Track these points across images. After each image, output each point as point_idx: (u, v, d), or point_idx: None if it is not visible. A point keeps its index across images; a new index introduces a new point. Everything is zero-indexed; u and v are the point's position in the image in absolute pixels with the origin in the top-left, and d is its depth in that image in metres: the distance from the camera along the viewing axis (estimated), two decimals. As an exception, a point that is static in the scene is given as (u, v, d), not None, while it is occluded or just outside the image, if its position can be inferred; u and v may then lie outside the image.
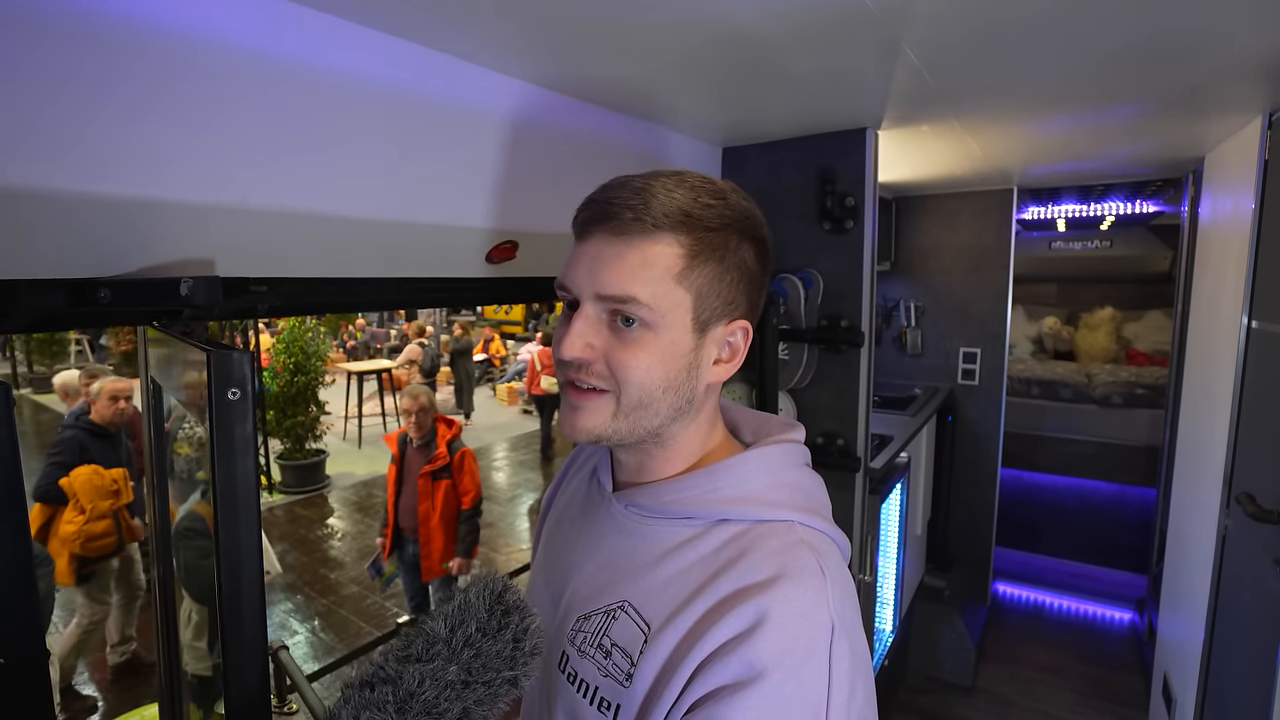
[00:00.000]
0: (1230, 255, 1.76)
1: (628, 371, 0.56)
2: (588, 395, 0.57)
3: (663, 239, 0.55)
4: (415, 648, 0.49)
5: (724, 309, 0.58)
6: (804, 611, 0.50)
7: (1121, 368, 4.40)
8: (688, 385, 0.58)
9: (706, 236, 0.56)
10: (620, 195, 0.56)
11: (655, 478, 0.63)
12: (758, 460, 0.62)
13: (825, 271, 1.67)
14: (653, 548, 0.59)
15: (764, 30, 0.94)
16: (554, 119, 1.18)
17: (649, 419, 0.58)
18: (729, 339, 0.60)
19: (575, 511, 0.71)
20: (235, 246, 0.84)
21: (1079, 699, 2.63)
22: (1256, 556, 1.38)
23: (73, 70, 0.63)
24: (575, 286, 0.57)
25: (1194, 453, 2.06)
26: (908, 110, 1.45)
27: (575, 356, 0.56)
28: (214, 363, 0.53)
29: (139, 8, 0.66)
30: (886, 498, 2.16)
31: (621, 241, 0.55)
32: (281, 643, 1.21)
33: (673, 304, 0.55)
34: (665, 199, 0.55)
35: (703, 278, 0.56)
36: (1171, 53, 1.09)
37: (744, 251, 0.59)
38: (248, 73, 0.76)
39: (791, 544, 0.54)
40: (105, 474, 2.89)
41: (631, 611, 0.57)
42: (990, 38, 1.02)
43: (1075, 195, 3.58)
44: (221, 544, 0.55)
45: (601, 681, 0.56)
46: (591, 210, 0.57)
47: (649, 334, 0.56)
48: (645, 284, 0.54)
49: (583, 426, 0.58)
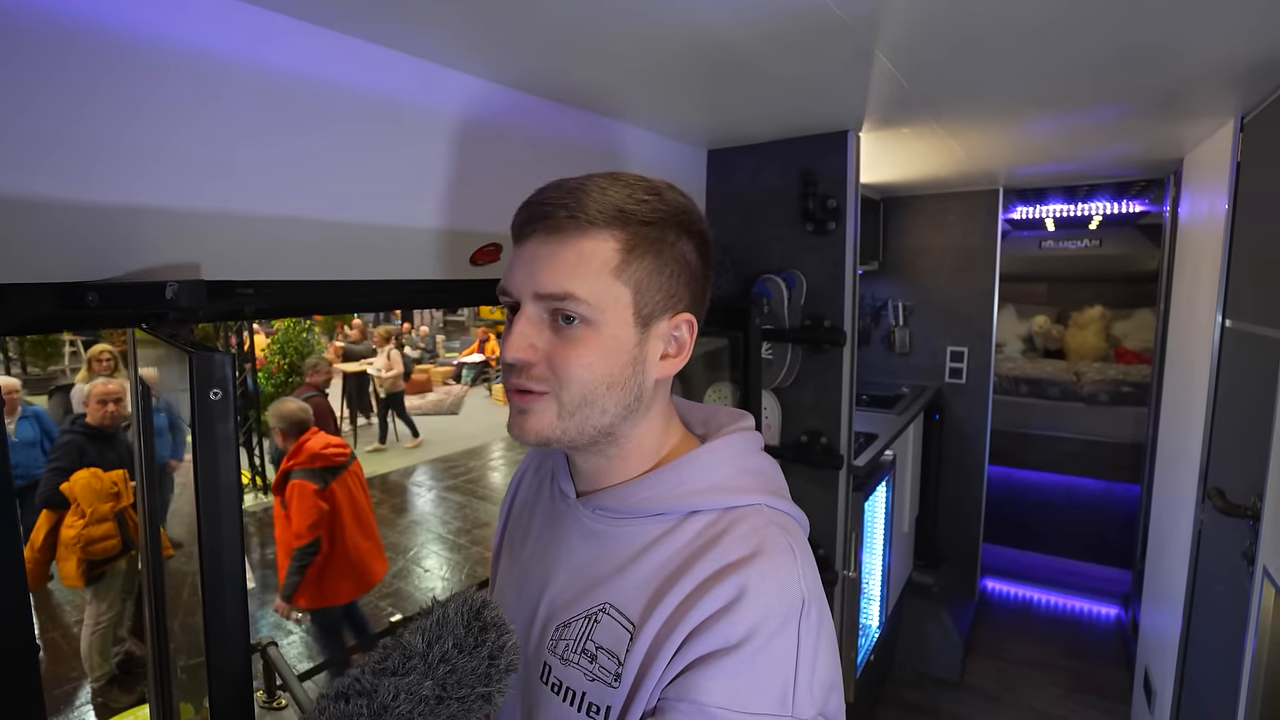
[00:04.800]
0: (1206, 255, 1.79)
1: (569, 369, 0.56)
2: (530, 398, 0.58)
3: (598, 235, 0.55)
4: (392, 661, 0.49)
5: (666, 303, 0.59)
6: (778, 587, 0.53)
7: (1110, 366, 4.43)
8: (634, 381, 0.59)
9: (642, 230, 0.56)
10: (554, 196, 0.56)
11: (616, 480, 0.63)
12: (720, 450, 0.63)
13: (808, 272, 1.69)
14: (626, 548, 0.60)
15: (739, 37, 0.96)
16: (536, 123, 1.20)
17: (596, 417, 0.58)
18: (674, 333, 0.61)
19: (539, 523, 0.71)
20: (222, 250, 0.86)
21: (1065, 692, 2.66)
22: (1228, 551, 1.41)
23: (54, 79, 0.65)
24: (515, 289, 0.58)
25: (1173, 449, 2.09)
26: (888, 114, 1.48)
27: (518, 358, 0.56)
28: (196, 364, 0.55)
29: (118, 17, 0.68)
30: (871, 495, 2.19)
31: (557, 240, 0.56)
32: (270, 639, 1.22)
33: (611, 299, 0.56)
34: (599, 196, 0.55)
35: (641, 271, 0.57)
36: (1146, 58, 1.12)
37: (683, 245, 0.59)
38: (230, 79, 0.78)
39: (762, 525, 0.57)
40: (105, 476, 2.90)
41: (614, 612, 0.57)
42: (963, 45, 1.04)
43: (1062, 195, 3.62)
44: (204, 539, 0.57)
45: (589, 686, 0.57)
46: (527, 213, 0.58)
47: (590, 330, 0.56)
48: (582, 280, 0.55)
49: (530, 429, 0.58)
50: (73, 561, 2.84)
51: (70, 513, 2.85)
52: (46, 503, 2.85)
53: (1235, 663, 1.28)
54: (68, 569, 2.85)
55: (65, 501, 2.84)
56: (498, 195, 1.15)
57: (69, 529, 2.83)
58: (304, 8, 0.80)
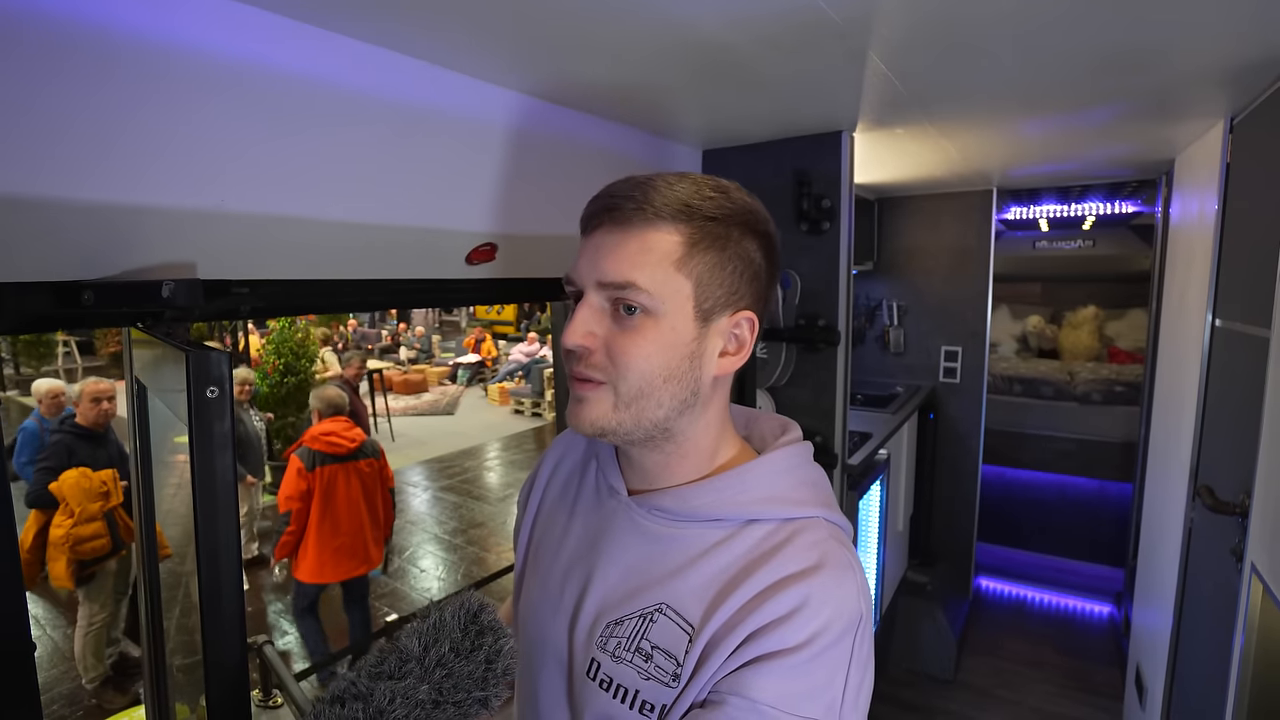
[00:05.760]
0: (1196, 255, 1.81)
1: (627, 359, 0.56)
2: (588, 386, 0.58)
3: (663, 227, 0.56)
4: (388, 664, 0.49)
5: (727, 299, 0.59)
6: (839, 600, 0.54)
7: (1103, 365, 4.46)
8: (690, 375, 0.58)
9: (707, 225, 0.57)
10: (623, 189, 0.57)
11: (674, 481, 0.63)
12: (780, 461, 0.63)
13: (803, 272, 1.70)
14: (685, 550, 0.60)
15: (733, 38, 0.97)
16: (530, 123, 1.20)
17: (652, 410, 0.58)
18: (734, 330, 0.60)
19: (583, 517, 0.70)
20: (218, 249, 0.87)
21: (1058, 690, 2.68)
22: (1217, 548, 1.43)
23: (49, 79, 0.65)
24: (579, 277, 0.59)
25: (1164, 448, 2.11)
26: (881, 114, 1.48)
27: (577, 344, 0.57)
28: (192, 362, 0.56)
29: (117, 17, 0.68)
30: (865, 494, 2.20)
31: (622, 231, 0.57)
32: (266, 638, 1.23)
33: (673, 290, 0.56)
34: (665, 190, 0.56)
35: (703, 265, 0.57)
36: (1137, 60, 1.13)
37: (746, 244, 0.59)
38: (226, 80, 0.78)
39: (824, 538, 0.58)
40: (94, 476, 2.89)
41: (671, 613, 0.58)
42: (955, 47, 1.05)
43: (1055, 196, 3.63)
44: (200, 535, 0.58)
45: (643, 685, 0.57)
46: (596, 205, 0.59)
47: (649, 320, 0.56)
48: (644, 269, 0.55)
49: (587, 418, 0.58)
50: (62, 562, 2.84)
51: (59, 512, 2.85)
52: (35, 502, 2.85)
53: (1224, 659, 1.30)
54: (57, 569, 2.85)
55: (54, 501, 2.84)
56: (493, 195, 1.15)
57: (57, 528, 2.83)
58: (296, 7, 0.80)
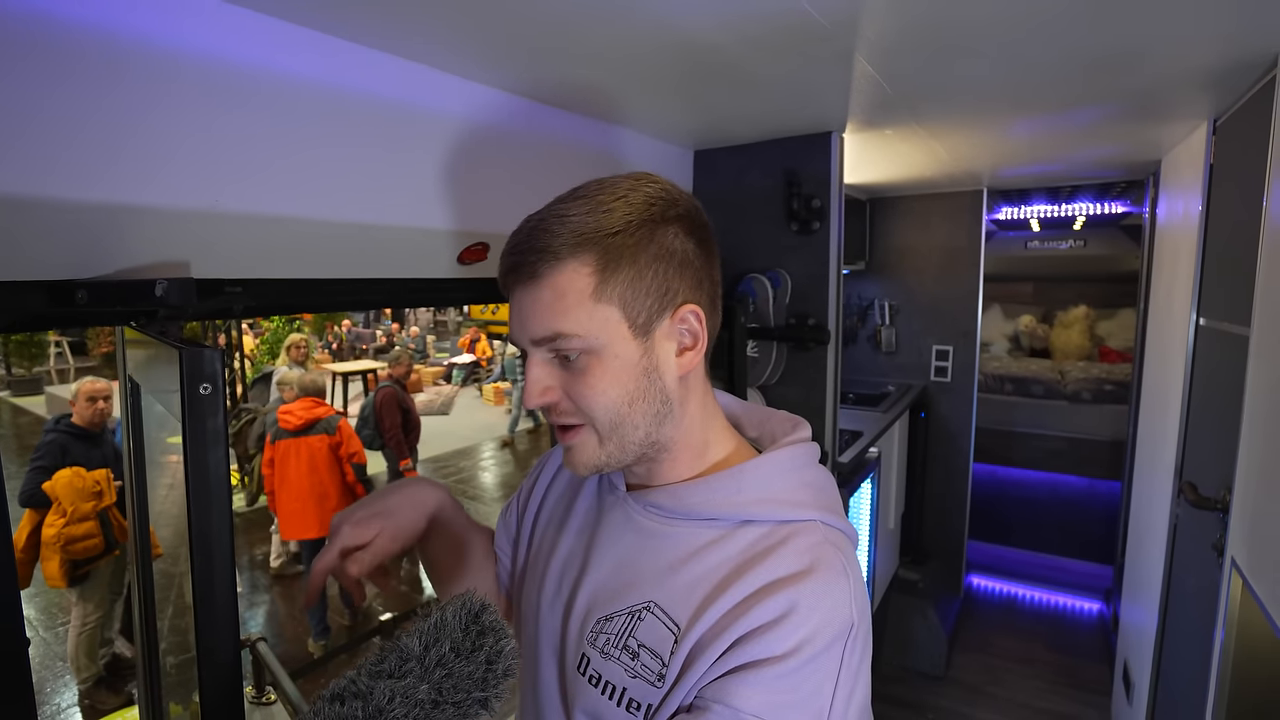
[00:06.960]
0: (1181, 255, 1.83)
1: (587, 401, 0.57)
2: (571, 433, 0.59)
3: (569, 265, 0.55)
4: (388, 663, 0.49)
5: (660, 303, 0.57)
6: (829, 606, 0.52)
7: (1094, 365, 4.50)
8: (654, 390, 0.58)
9: (613, 241, 0.55)
10: (522, 241, 0.57)
11: (669, 479, 0.63)
12: (779, 462, 0.62)
13: (793, 272, 1.72)
14: (676, 549, 0.59)
15: (721, 40, 0.98)
16: (522, 123, 1.21)
17: (631, 433, 0.58)
18: (681, 327, 0.59)
19: (583, 509, 0.71)
20: (211, 249, 0.87)
21: (1047, 686, 2.70)
22: (1199, 544, 1.45)
23: (48, 82, 0.66)
24: (515, 339, 0.60)
25: (1151, 446, 2.13)
26: (870, 116, 1.50)
27: (538, 403, 0.58)
28: (186, 359, 0.57)
29: (114, 20, 0.69)
30: (856, 491, 2.21)
31: (533, 283, 0.56)
32: (260, 635, 1.23)
33: (600, 322, 0.55)
34: (559, 227, 0.55)
35: (622, 284, 0.55)
36: (1121, 62, 1.15)
37: (663, 238, 0.57)
38: (217, 82, 0.79)
39: (819, 542, 0.56)
40: (87, 476, 2.89)
41: (659, 612, 0.57)
42: (942, 50, 1.06)
43: (1045, 196, 3.66)
44: (194, 531, 0.58)
45: (630, 683, 0.57)
46: (503, 264, 0.58)
47: (592, 359, 0.56)
48: (564, 315, 0.55)
49: (579, 462, 0.60)
50: (55, 561, 2.83)
51: (51, 511, 2.84)
52: (28, 502, 2.84)
53: (1206, 653, 1.32)
54: (50, 569, 2.84)
55: (47, 500, 2.83)
56: (486, 195, 1.16)
57: (49, 528, 2.82)
58: (293, 11, 0.81)
